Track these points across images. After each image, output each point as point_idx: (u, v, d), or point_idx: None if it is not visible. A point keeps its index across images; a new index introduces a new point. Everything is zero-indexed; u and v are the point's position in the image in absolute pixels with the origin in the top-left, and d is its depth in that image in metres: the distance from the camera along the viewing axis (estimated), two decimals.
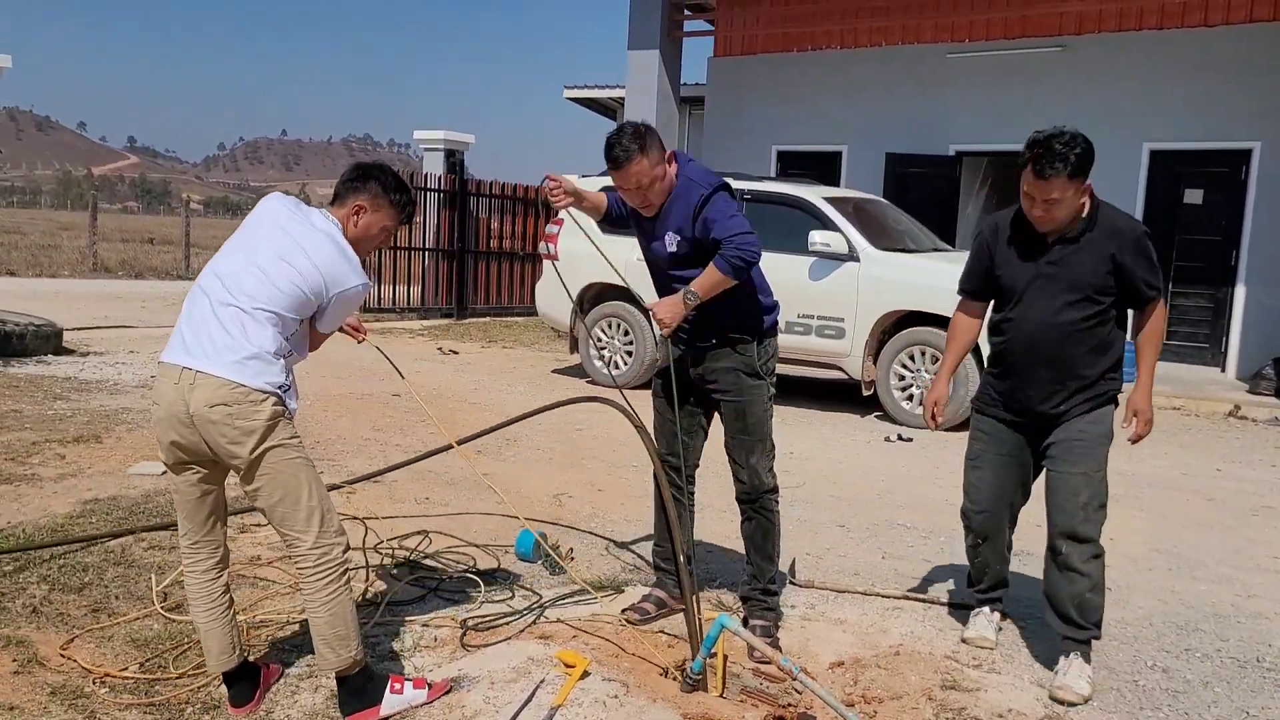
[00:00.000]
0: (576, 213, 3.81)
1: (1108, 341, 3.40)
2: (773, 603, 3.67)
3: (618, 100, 17.89)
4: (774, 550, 3.66)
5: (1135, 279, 3.33)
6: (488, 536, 4.67)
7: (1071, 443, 3.42)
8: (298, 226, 2.86)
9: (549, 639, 3.50)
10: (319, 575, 2.81)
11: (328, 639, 2.84)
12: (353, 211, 2.95)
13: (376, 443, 6.55)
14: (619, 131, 3.34)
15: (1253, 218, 11.02)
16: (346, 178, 3.01)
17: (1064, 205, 3.25)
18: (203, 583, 2.92)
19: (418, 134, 16.17)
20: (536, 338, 13.15)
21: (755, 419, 3.57)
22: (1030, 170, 3.23)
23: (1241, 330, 11.06)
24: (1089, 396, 3.42)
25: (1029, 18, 12.15)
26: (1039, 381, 3.46)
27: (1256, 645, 3.85)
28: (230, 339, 2.70)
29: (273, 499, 2.78)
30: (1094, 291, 3.33)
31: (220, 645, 2.91)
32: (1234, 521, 5.65)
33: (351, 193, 2.96)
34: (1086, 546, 3.36)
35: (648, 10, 13.27)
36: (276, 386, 2.74)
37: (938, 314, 7.97)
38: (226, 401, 2.66)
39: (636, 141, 3.30)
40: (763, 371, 3.56)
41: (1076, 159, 3.17)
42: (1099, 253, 3.30)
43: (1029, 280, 3.44)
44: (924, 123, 12.79)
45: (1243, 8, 10.95)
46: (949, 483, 6.26)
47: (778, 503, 3.66)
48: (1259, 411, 9.24)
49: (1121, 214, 3.40)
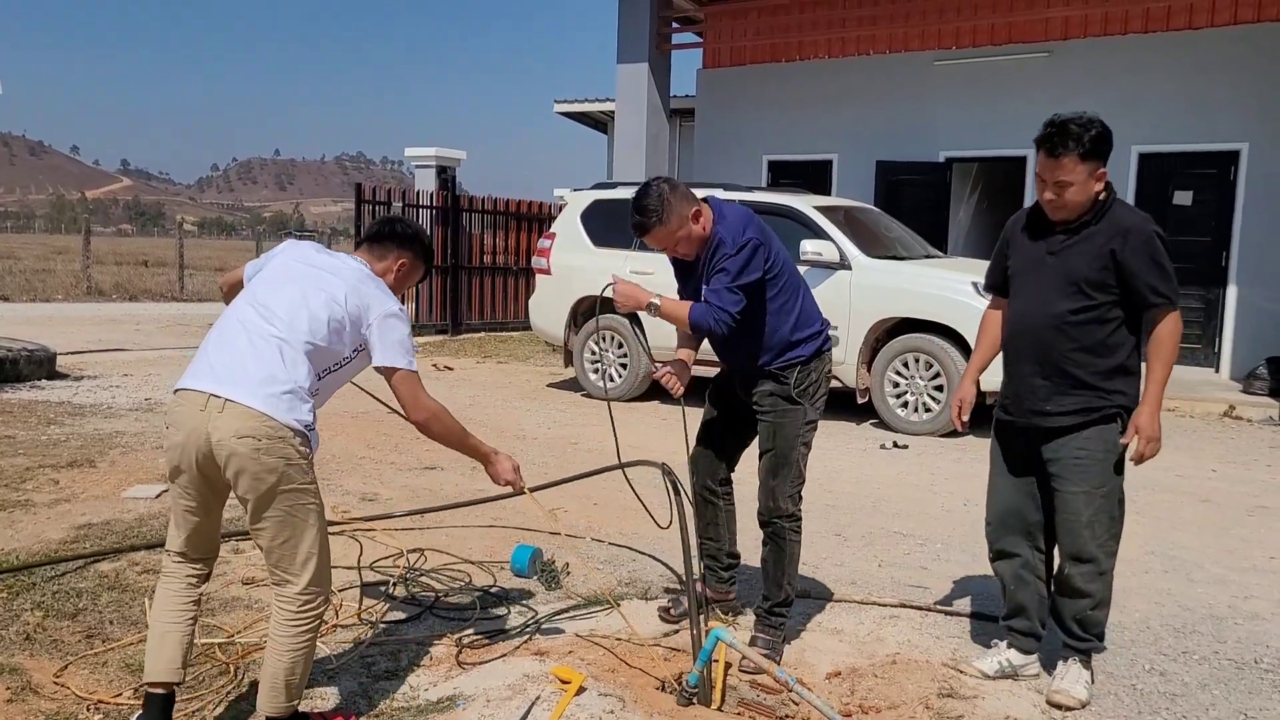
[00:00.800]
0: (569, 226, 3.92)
1: (1105, 344, 3.21)
2: (777, 622, 3.63)
3: (608, 113, 17.94)
4: (784, 578, 3.61)
5: (1137, 281, 3.14)
6: (483, 553, 4.67)
7: (1070, 460, 3.26)
8: (329, 260, 2.93)
9: (545, 655, 3.50)
10: (297, 621, 2.74)
11: (277, 684, 2.73)
12: (396, 267, 3.09)
13: (371, 461, 6.53)
14: (643, 195, 3.44)
15: (1242, 218, 11.05)
16: (392, 231, 3.13)
17: (1075, 189, 3.14)
18: (175, 591, 2.84)
19: (409, 151, 16.20)
20: (531, 352, 13.16)
21: (784, 440, 3.55)
22: (1042, 149, 3.17)
23: (1234, 330, 11.09)
24: (1083, 406, 3.23)
25: (1015, 24, 12.22)
26: (1026, 376, 3.34)
27: (1254, 647, 3.85)
28: (268, 370, 2.65)
29: (275, 540, 2.70)
30: (1087, 286, 3.19)
31: (170, 656, 2.76)
32: (1230, 523, 5.66)
33: (398, 246, 3.10)
34: (1089, 566, 3.26)
35: (636, 24, 13.33)
36: (305, 426, 2.68)
37: (931, 321, 7.99)
38: (255, 434, 2.59)
39: (655, 213, 3.41)
40: (799, 397, 3.55)
41: (1091, 140, 3.09)
42: (1098, 247, 3.17)
43: (1028, 268, 3.36)
44: (913, 130, 12.83)
45: (1227, 10, 11.01)
46: (945, 490, 6.27)
47: (795, 531, 3.60)
48: (1253, 411, 9.26)
49: (1134, 212, 3.25)
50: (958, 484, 6.43)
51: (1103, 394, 3.22)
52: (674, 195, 3.43)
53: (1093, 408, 3.23)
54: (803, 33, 13.67)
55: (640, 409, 9.02)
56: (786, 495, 3.57)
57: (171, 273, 22.90)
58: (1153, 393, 3.17)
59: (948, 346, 7.90)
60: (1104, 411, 3.23)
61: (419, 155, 16.01)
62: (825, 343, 3.65)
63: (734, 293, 3.39)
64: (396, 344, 2.89)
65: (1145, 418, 3.17)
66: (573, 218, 9.69)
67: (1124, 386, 3.23)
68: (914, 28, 12.91)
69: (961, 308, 7.88)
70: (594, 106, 19.12)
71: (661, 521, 3.76)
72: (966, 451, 7.46)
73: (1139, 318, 3.22)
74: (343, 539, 4.76)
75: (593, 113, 19.49)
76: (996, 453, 3.54)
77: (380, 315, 2.87)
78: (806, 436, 3.59)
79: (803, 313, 3.59)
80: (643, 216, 3.43)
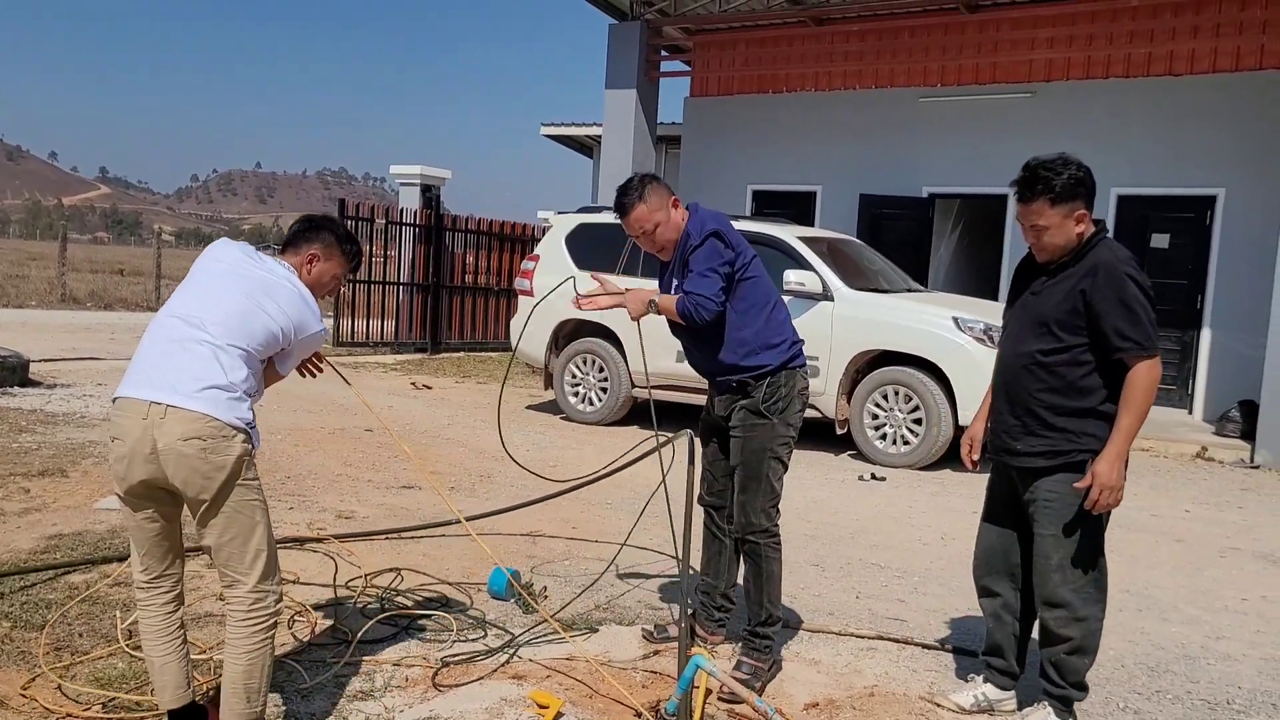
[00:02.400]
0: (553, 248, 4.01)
1: (1077, 386, 3.14)
2: (762, 645, 3.61)
3: (594, 138, 18.02)
4: (765, 596, 3.61)
5: (1102, 323, 3.07)
6: (460, 574, 4.63)
7: (1041, 504, 3.22)
8: (259, 272, 2.90)
9: (522, 679, 3.47)
10: (249, 621, 2.75)
11: (237, 688, 2.74)
12: (306, 260, 3.03)
13: (348, 478, 6.49)
14: (626, 181, 3.69)
15: (1217, 262, 11.21)
16: (299, 228, 3.11)
17: (1052, 232, 3.15)
18: (159, 618, 2.86)
19: (394, 168, 16.20)
20: (511, 373, 13.13)
21: (752, 454, 3.58)
22: (1015, 194, 3.21)
23: (1208, 373, 11.22)
24: (1050, 448, 3.18)
25: (999, 64, 12.39)
26: (1002, 414, 3.34)
27: (1226, 687, 3.87)
28: (205, 372, 2.67)
29: (224, 537, 2.73)
30: (1056, 326, 3.15)
31: (175, 681, 2.84)
32: (1203, 563, 5.70)
33: (305, 242, 3.06)
34: (1062, 611, 3.20)
35: (626, 50, 13.43)
36: (246, 424, 2.73)
37: (911, 354, 8.03)
38: (201, 435, 2.63)
39: (637, 190, 3.62)
40: (768, 411, 3.58)
41: (1061, 185, 3.09)
42: (1071, 288, 3.13)
43: (1014, 309, 3.38)
44: (897, 165, 12.96)
45: (1206, 59, 11.22)
46: (922, 523, 6.29)
47: (772, 548, 3.61)
48: (1225, 453, 9.36)
49: (1113, 251, 3.16)
50: (935, 517, 6.45)
51: (1072, 437, 3.16)
52: (654, 183, 3.67)
53: (1060, 450, 3.17)
54: (790, 65, 13.81)
55: (619, 433, 9.01)
56: (759, 510, 3.59)
57: (148, 282, 22.71)
58: (1116, 441, 3.08)
59: (927, 380, 7.95)
60: (1073, 456, 3.16)
61: (404, 173, 16.01)
62: (796, 359, 3.69)
63: (706, 276, 3.52)
64: (297, 360, 3.07)
65: (1104, 464, 3.07)
66: (557, 240, 9.71)
67: (1096, 430, 3.14)
68: (900, 65, 13.07)
69: (942, 342, 7.94)
70: (581, 130, 19.21)
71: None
72: (944, 485, 7.49)
73: (1117, 361, 3.10)
74: (317, 557, 4.72)
75: (579, 136, 19.58)
76: (988, 491, 3.54)
77: (301, 339, 2.95)
78: (778, 451, 3.61)
79: (771, 321, 3.67)
80: (624, 196, 3.63)
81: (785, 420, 3.63)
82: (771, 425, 3.59)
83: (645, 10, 13.64)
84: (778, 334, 3.67)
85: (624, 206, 3.63)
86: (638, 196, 3.60)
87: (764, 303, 3.68)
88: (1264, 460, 9.06)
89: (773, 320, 3.68)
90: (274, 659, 2.86)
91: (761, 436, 3.59)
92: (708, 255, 3.53)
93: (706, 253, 3.53)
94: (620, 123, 13.53)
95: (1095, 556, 3.22)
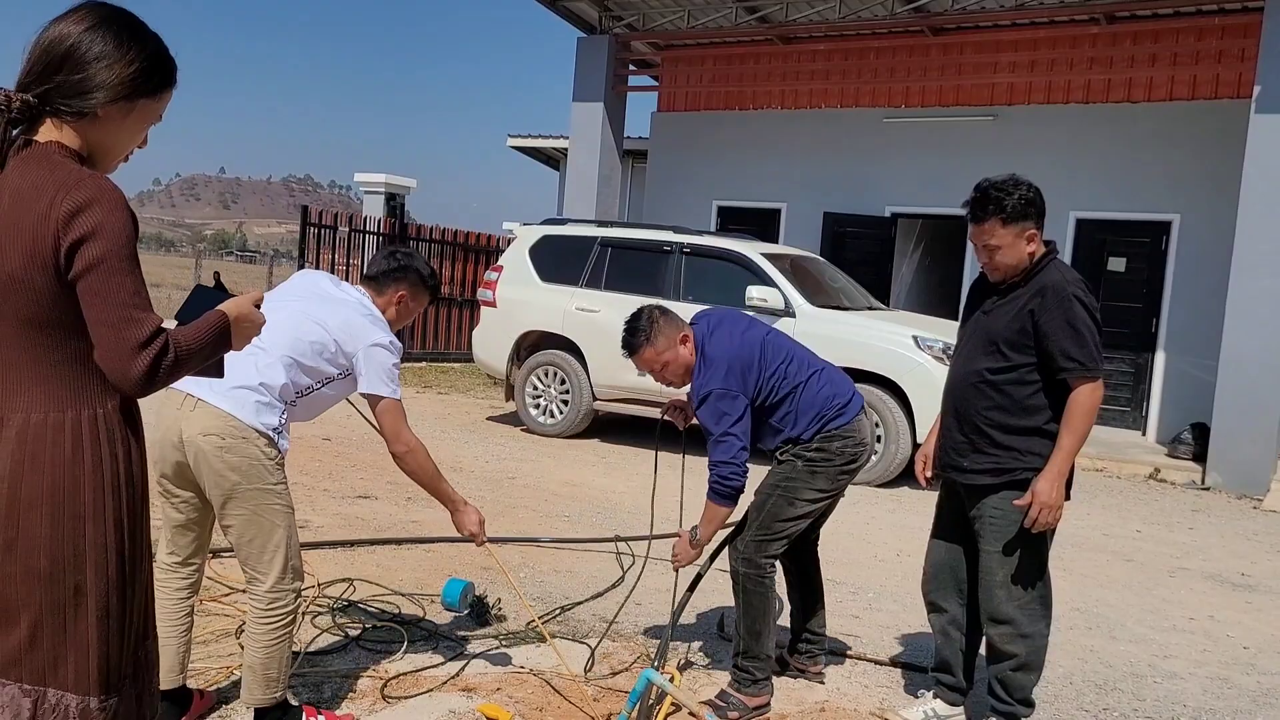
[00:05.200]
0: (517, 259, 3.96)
1: (1024, 405, 3.17)
2: (742, 678, 3.51)
3: (561, 150, 18.02)
4: (746, 628, 3.51)
5: (1048, 343, 3.10)
6: (414, 585, 4.59)
7: (986, 520, 3.23)
8: (331, 289, 3.10)
9: (472, 691, 3.44)
10: (267, 618, 2.87)
11: (257, 676, 2.88)
12: (395, 300, 3.23)
13: (304, 487, 6.41)
14: (634, 319, 3.63)
15: (1172, 286, 11.41)
16: (385, 267, 3.25)
17: (1004, 252, 3.17)
18: (172, 601, 2.97)
19: (359, 176, 16.10)
20: (472, 384, 13.07)
21: (764, 488, 3.55)
22: (968, 215, 3.23)
23: (1161, 395, 11.39)
24: (996, 466, 3.21)
25: (962, 87, 12.56)
26: (950, 431, 3.35)
27: (1172, 705, 3.92)
28: (241, 375, 2.76)
29: (243, 537, 2.83)
30: (1004, 345, 3.18)
31: (169, 664, 2.90)
32: (1152, 582, 5.78)
33: (394, 282, 3.23)
34: (1006, 627, 3.22)
35: (593, 64, 13.46)
36: (271, 429, 2.82)
37: (872, 372, 8.09)
38: (219, 433, 2.73)
39: (645, 333, 3.58)
40: (794, 455, 3.53)
41: (1012, 205, 3.12)
42: (1020, 308, 3.16)
43: (966, 328, 3.40)
44: (861, 184, 13.08)
45: (1164, 87, 11.45)
46: (878, 539, 6.32)
47: (751, 581, 3.50)
48: (1177, 475, 9.50)
49: (1061, 273, 3.18)
50: (891, 534, 6.49)
51: (1018, 455, 3.18)
52: (664, 320, 3.60)
53: (1005, 468, 3.19)
54: (756, 83, 13.91)
55: (580, 445, 8.99)
56: (747, 539, 3.52)
57: None
58: (1056, 461, 3.10)
59: (886, 398, 8.00)
60: (1017, 474, 3.17)
61: (368, 181, 15.92)
62: (831, 422, 3.54)
63: (722, 441, 3.40)
64: (380, 372, 3.04)
65: (1044, 483, 3.09)
66: (521, 252, 9.68)
67: (1041, 450, 3.15)
68: (865, 85, 13.21)
69: (902, 360, 8.01)
70: (548, 143, 19.20)
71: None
72: (902, 502, 7.54)
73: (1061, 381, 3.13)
74: None
75: (546, 149, 19.56)
76: (938, 508, 3.55)
77: (367, 344, 3.02)
78: (790, 491, 3.50)
79: (799, 412, 3.52)
80: (632, 337, 3.60)
81: (812, 469, 3.50)
82: (794, 465, 3.51)
83: (614, 25, 13.69)
84: (807, 412, 3.54)
85: (631, 347, 3.61)
86: (645, 339, 3.57)
87: (792, 399, 3.53)
88: (1214, 482, 9.21)
89: (807, 398, 3.54)
90: (291, 649, 2.99)
91: (781, 470, 3.54)
92: (714, 416, 3.43)
93: (711, 413, 3.45)
94: (587, 136, 13.56)
95: (1039, 573, 3.24)
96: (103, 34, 1.68)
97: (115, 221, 1.61)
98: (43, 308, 1.63)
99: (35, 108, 1.67)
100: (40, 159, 1.66)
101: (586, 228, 9.80)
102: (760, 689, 3.52)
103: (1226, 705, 3.97)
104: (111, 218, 1.61)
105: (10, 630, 1.64)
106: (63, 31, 1.67)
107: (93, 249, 1.60)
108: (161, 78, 1.78)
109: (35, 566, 1.64)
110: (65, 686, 1.67)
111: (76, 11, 1.70)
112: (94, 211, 1.60)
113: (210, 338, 1.73)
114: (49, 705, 1.66)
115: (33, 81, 1.67)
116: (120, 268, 1.61)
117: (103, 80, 1.68)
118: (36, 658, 1.65)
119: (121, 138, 1.77)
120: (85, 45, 1.67)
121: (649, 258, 9.12)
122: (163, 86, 1.79)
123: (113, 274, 1.61)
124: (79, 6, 1.71)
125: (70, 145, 1.69)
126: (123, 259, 1.62)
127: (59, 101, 1.67)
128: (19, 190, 1.62)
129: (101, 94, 1.68)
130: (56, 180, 1.62)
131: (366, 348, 3.00)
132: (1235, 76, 10.91)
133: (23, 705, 1.64)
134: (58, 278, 1.61)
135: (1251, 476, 9.00)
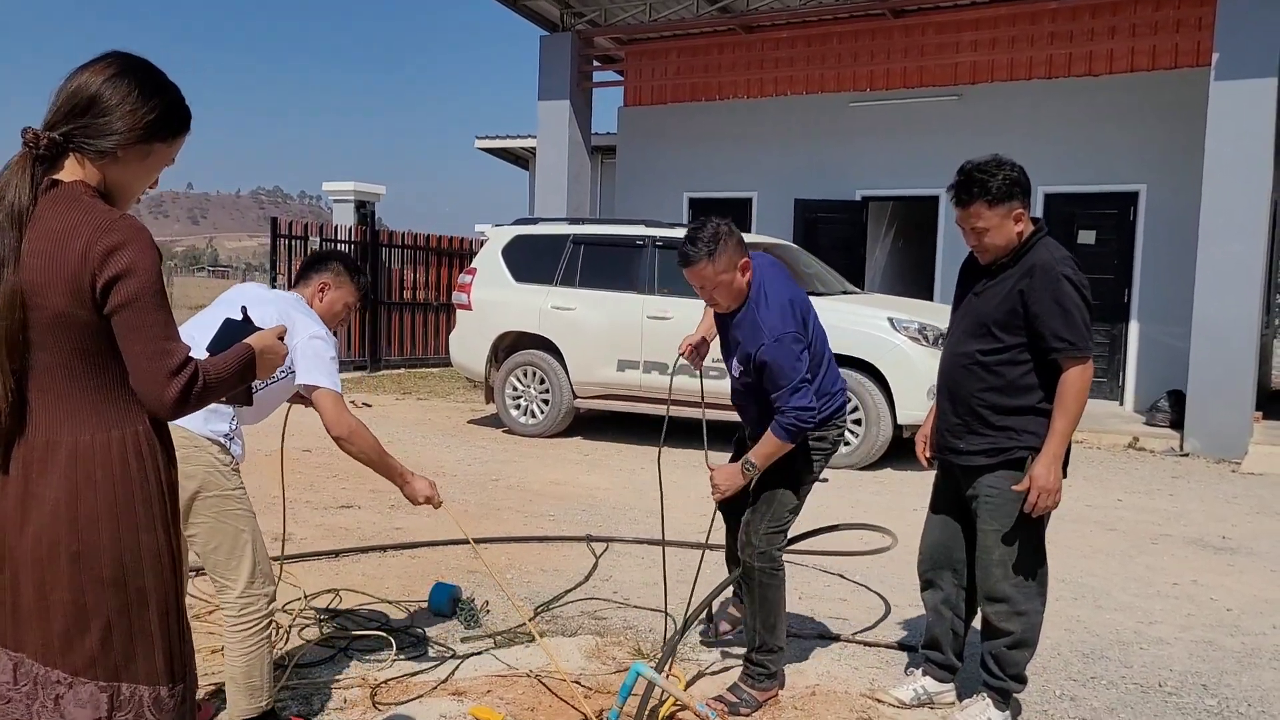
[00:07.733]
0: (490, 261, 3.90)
1: (1016, 385, 3.18)
2: (755, 672, 3.50)
3: (529, 150, 17.98)
4: (759, 622, 3.49)
5: (1039, 324, 3.10)
6: (401, 592, 4.58)
7: (983, 499, 3.25)
8: (265, 293, 3.13)
9: (463, 695, 3.44)
10: (241, 625, 2.88)
11: (240, 686, 2.89)
12: (318, 290, 3.24)
13: (287, 500, 6.37)
14: (698, 228, 3.35)
15: (1142, 257, 11.51)
16: (306, 262, 3.33)
17: (992, 234, 3.15)
18: None
19: (327, 186, 16.01)
20: (451, 388, 13.03)
21: (768, 479, 3.46)
22: (953, 198, 3.22)
23: (1137, 365, 11.51)
24: (991, 446, 3.22)
25: (926, 68, 12.62)
26: (945, 413, 3.37)
27: (1159, 670, 3.96)
28: None
29: (209, 545, 2.85)
30: (995, 327, 3.18)
31: None
32: (1135, 550, 5.83)
33: (314, 273, 3.26)
34: (1003, 605, 3.23)
35: (557, 62, 13.43)
36: (222, 436, 2.85)
37: (849, 355, 8.11)
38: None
39: (709, 246, 3.30)
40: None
41: (997, 186, 3.10)
42: (1010, 289, 3.16)
43: (957, 310, 3.40)
44: (830, 169, 13.12)
45: (1124, 58, 11.53)
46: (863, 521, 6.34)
47: (769, 575, 3.46)
48: (1156, 443, 9.59)
49: (1050, 251, 3.16)
50: (877, 517, 6.50)
51: (1013, 434, 3.20)
52: (732, 240, 3.34)
53: (1001, 448, 3.21)
54: (721, 73, 13.92)
55: (562, 444, 8.98)
56: (760, 533, 3.46)
57: None
58: (1051, 444, 3.12)
59: (865, 381, 8.03)
60: (1013, 453, 3.19)
61: (337, 190, 15.83)
62: (838, 413, 3.55)
63: (798, 390, 3.27)
64: (318, 363, 3.03)
65: (1040, 468, 3.11)
66: (494, 253, 9.66)
67: (1036, 428, 3.17)
68: (830, 70, 13.24)
69: (878, 343, 8.04)
70: (516, 143, 19.15)
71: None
72: (885, 484, 7.58)
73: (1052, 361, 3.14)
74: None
75: (514, 149, 19.51)
76: (934, 489, 3.56)
77: (305, 337, 3.02)
78: (795, 478, 3.47)
79: (819, 392, 3.45)
80: (694, 246, 3.31)
81: (810, 455, 3.48)
82: (795, 456, 3.44)
83: (576, 21, 13.66)
84: (830, 386, 3.52)
85: (687, 258, 3.32)
86: (706, 254, 3.29)
87: (820, 362, 3.49)
88: (1193, 448, 9.30)
89: (830, 376, 3.53)
90: (272, 656, 2.99)
91: (784, 463, 3.43)
92: (790, 359, 3.28)
93: (787, 355, 3.28)
94: (554, 134, 13.53)
95: (1036, 553, 3.27)
96: (126, 82, 1.83)
97: (146, 260, 1.77)
98: (87, 339, 1.79)
99: (60, 145, 1.81)
100: (70, 200, 1.79)
101: (558, 226, 9.79)
102: (773, 683, 3.52)
103: (1212, 667, 4.01)
104: (143, 257, 1.77)
105: (85, 635, 1.80)
106: (88, 79, 1.82)
107: (128, 286, 1.75)
108: (177, 124, 1.92)
109: (103, 576, 1.80)
110: (137, 680, 1.84)
111: (101, 60, 1.85)
112: (128, 251, 1.75)
113: (236, 367, 1.93)
114: (124, 698, 1.83)
115: (59, 122, 1.81)
116: (152, 303, 1.78)
117: (123, 124, 1.83)
118: (110, 657, 1.82)
119: (139, 177, 1.92)
120: (109, 92, 1.82)
121: (622, 253, 9.11)
122: (178, 132, 1.93)
123: (146, 310, 1.77)
124: (104, 56, 1.86)
125: (91, 183, 1.83)
126: (154, 294, 1.78)
127: (82, 140, 1.81)
128: (56, 232, 1.75)
129: (121, 136, 1.82)
130: (91, 221, 1.76)
131: (305, 340, 3.00)
132: (1194, 45, 11.02)
133: (101, 700, 1.81)
134: (96, 311, 1.76)
135: (1229, 440, 9.10)
